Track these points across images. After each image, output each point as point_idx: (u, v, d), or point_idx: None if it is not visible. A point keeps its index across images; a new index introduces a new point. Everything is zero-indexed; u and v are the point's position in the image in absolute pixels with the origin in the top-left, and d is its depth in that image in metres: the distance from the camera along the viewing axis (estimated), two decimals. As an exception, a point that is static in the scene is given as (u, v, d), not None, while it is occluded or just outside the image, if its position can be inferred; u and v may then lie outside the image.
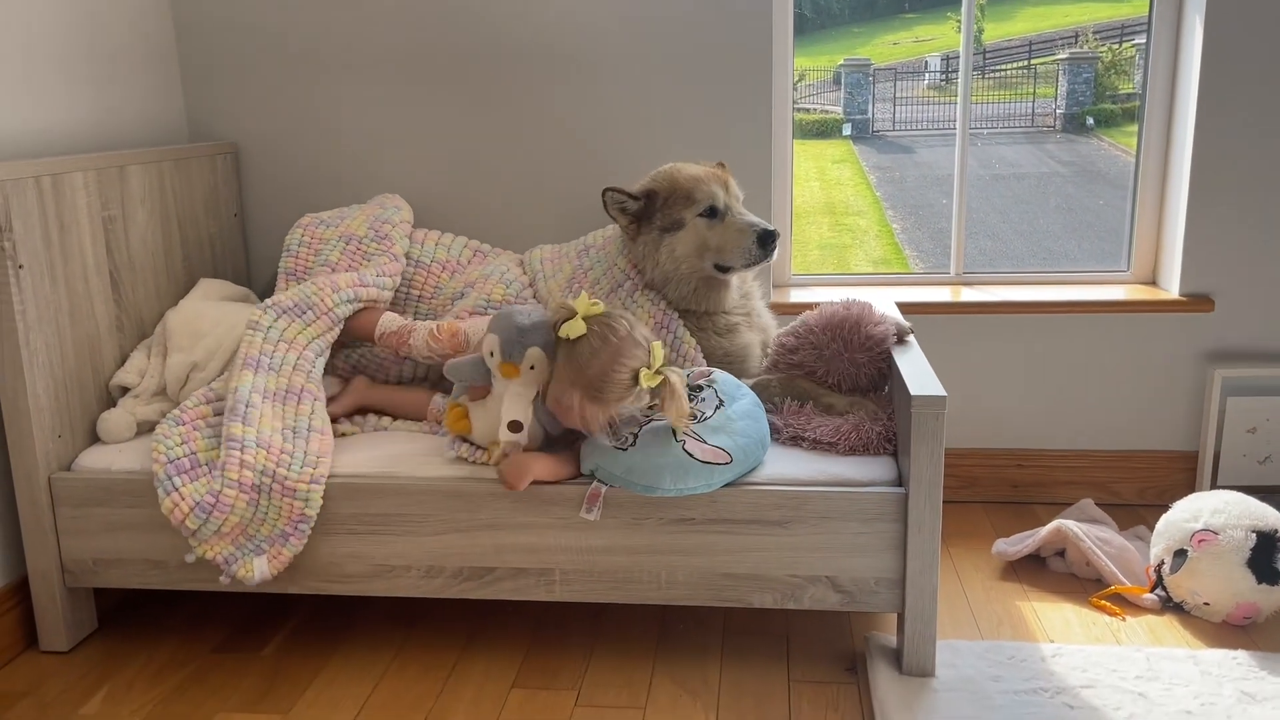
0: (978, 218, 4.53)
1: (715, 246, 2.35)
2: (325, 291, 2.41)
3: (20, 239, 2.13)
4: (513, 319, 2.13)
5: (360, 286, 2.47)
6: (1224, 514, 2.31)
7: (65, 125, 2.49)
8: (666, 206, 2.38)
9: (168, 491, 2.12)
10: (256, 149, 2.98)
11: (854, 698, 2.07)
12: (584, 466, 2.10)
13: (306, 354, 2.33)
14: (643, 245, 2.41)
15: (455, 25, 2.85)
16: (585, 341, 2.03)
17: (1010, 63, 7.49)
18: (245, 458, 2.12)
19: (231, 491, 2.10)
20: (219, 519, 2.10)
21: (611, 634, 2.32)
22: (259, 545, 2.15)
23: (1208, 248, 2.82)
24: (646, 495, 2.04)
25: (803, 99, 6.37)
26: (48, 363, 2.22)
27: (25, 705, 2.11)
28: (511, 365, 2.09)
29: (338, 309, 2.41)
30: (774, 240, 2.34)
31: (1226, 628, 2.28)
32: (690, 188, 2.38)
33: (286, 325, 2.34)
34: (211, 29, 2.91)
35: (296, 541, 2.15)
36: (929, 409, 1.94)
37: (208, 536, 2.12)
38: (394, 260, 2.58)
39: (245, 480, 2.11)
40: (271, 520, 2.13)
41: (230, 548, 2.14)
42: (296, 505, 2.13)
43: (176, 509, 2.11)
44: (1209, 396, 2.86)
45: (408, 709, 2.07)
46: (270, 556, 2.14)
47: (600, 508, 2.06)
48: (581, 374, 2.02)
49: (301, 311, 2.37)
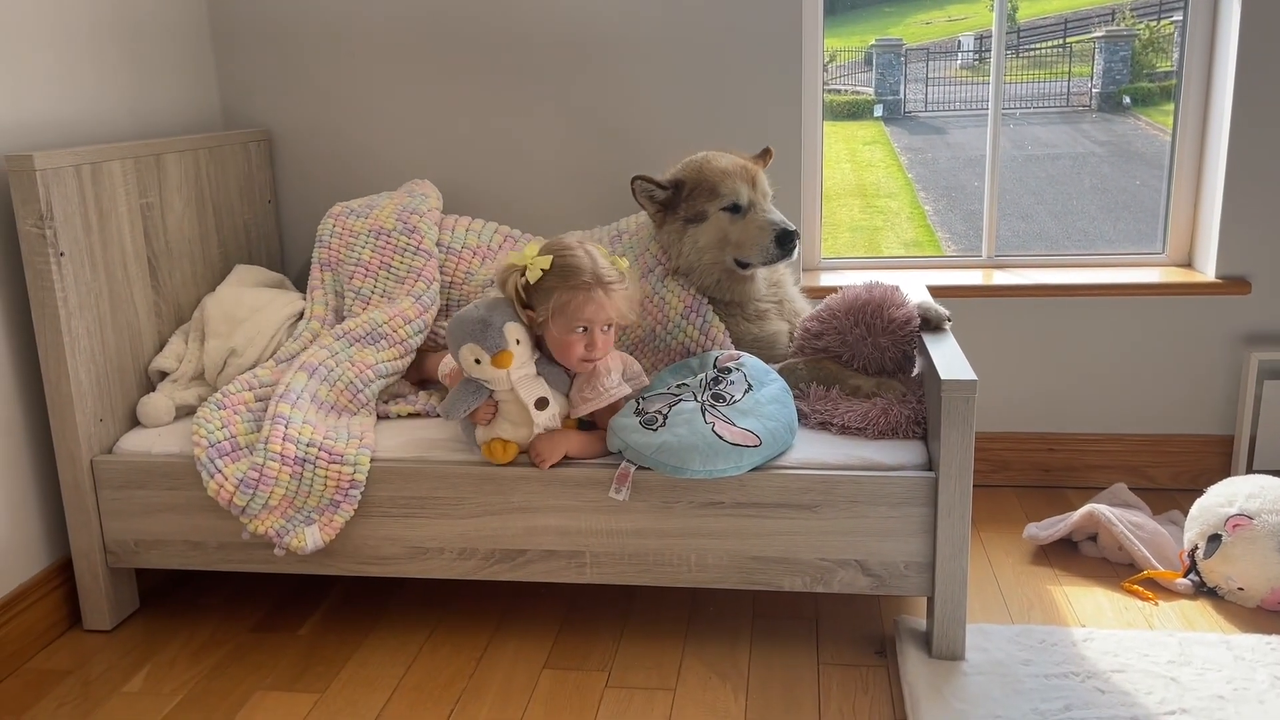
0: (1011, 199, 4.48)
1: (735, 242, 2.36)
2: (397, 323, 2.44)
3: (61, 227, 2.17)
4: (469, 317, 2.08)
5: (422, 313, 2.49)
6: (1259, 499, 2.29)
7: (102, 114, 2.53)
8: (692, 198, 2.39)
9: (211, 474, 2.16)
10: (289, 136, 3.01)
11: (883, 681, 2.08)
12: (611, 445, 2.12)
13: (367, 374, 2.34)
14: (667, 234, 2.43)
15: (487, 10, 2.85)
16: (555, 265, 2.07)
17: (1045, 41, 7.38)
18: (289, 432, 2.16)
19: (275, 464, 2.13)
20: (265, 492, 2.13)
21: (642, 616, 2.34)
22: (309, 515, 2.18)
23: (1244, 229, 2.78)
24: (675, 476, 2.06)
25: (834, 80, 6.32)
26: (89, 348, 2.26)
27: (70, 683, 2.16)
28: (504, 353, 2.06)
29: (411, 340, 2.44)
30: (793, 240, 2.34)
31: (1261, 613, 2.26)
32: (716, 181, 2.38)
33: (358, 351, 2.38)
34: (245, 17, 2.94)
35: (348, 508, 2.17)
36: (959, 393, 1.94)
37: (257, 511, 2.15)
38: (428, 258, 2.58)
39: (288, 453, 2.14)
40: (318, 491, 2.16)
41: (280, 520, 2.17)
42: (345, 472, 2.15)
43: (223, 489, 2.14)
44: (1245, 380, 2.83)
45: (441, 688, 2.10)
46: (322, 525, 2.17)
47: (629, 488, 2.08)
48: (572, 284, 2.06)
49: (374, 340, 2.41)
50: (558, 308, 2.08)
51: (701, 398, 2.14)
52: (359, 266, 2.57)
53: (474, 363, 2.08)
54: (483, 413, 2.14)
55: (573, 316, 2.08)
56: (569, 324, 2.08)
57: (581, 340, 2.10)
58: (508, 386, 2.10)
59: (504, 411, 2.13)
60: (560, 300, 2.07)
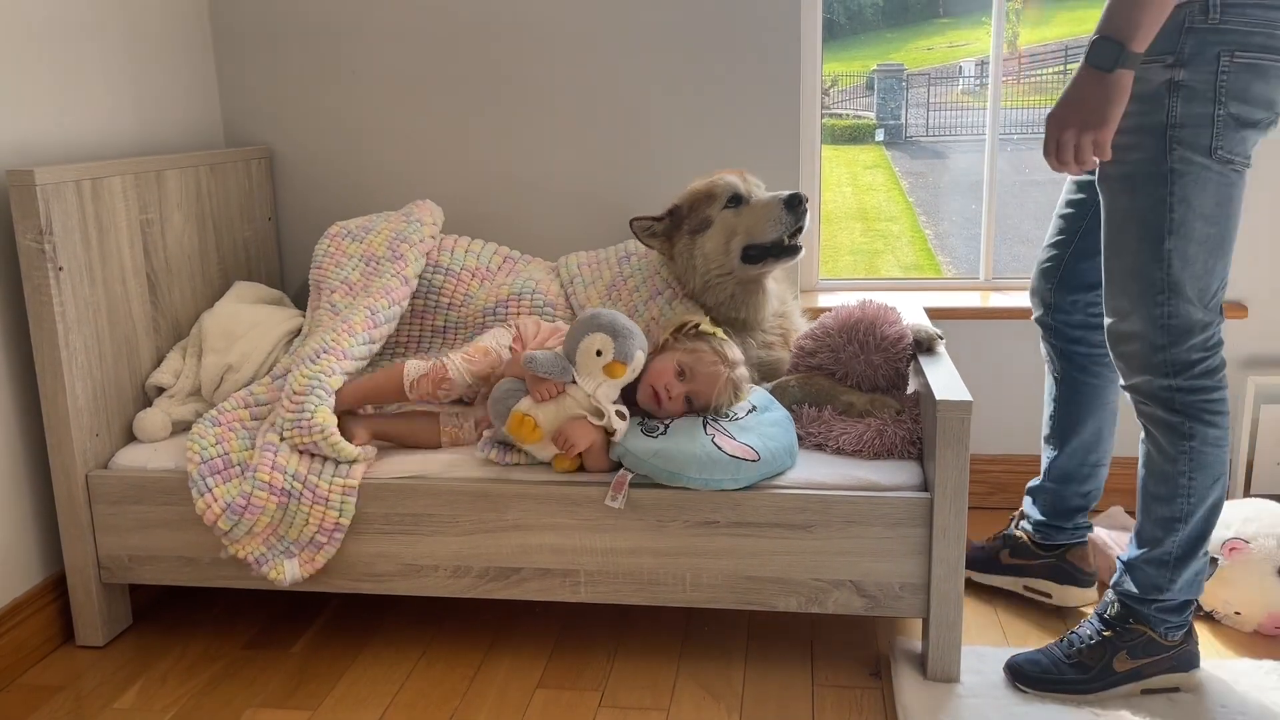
0: (1010, 223, 4.50)
1: (745, 229, 2.37)
2: (342, 335, 2.32)
3: (60, 241, 2.18)
4: (617, 322, 2.11)
5: (373, 328, 2.38)
6: (1255, 522, 2.29)
7: (103, 131, 2.54)
8: (693, 212, 2.42)
9: (201, 492, 2.16)
10: (291, 154, 3.02)
11: (878, 702, 2.07)
12: (611, 453, 2.12)
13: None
14: (680, 258, 2.45)
15: (490, 33, 2.87)
16: (717, 337, 2.21)
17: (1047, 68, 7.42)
18: (278, 460, 2.16)
19: (262, 494, 2.13)
20: (250, 520, 2.14)
21: (636, 636, 2.33)
22: (289, 548, 2.18)
23: (1241, 254, 2.77)
24: (669, 484, 2.06)
25: (835, 104, 6.36)
26: (86, 363, 2.27)
27: (61, 698, 2.15)
28: (620, 365, 2.08)
29: (355, 350, 2.32)
30: (802, 203, 2.33)
31: (1258, 637, 2.25)
32: (708, 188, 2.42)
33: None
34: (248, 34, 2.96)
35: (330, 549, 2.18)
36: (955, 414, 1.94)
37: (239, 537, 2.16)
38: (403, 284, 2.51)
39: (276, 483, 2.14)
40: (300, 525, 2.16)
41: (262, 548, 2.17)
42: (330, 515, 2.16)
43: (209, 510, 2.15)
44: (1242, 404, 2.82)
45: (434, 707, 2.09)
46: (302, 561, 2.18)
47: (625, 496, 2.07)
48: (712, 355, 2.16)
49: (315, 358, 2.27)
50: (687, 351, 2.16)
51: (705, 414, 2.16)
52: (343, 284, 2.54)
53: (594, 354, 2.09)
54: (553, 388, 2.10)
55: (694, 366, 2.14)
56: (682, 368, 2.15)
57: (674, 384, 2.14)
58: (593, 389, 2.10)
59: (561, 402, 2.10)
60: (696, 351, 2.16)
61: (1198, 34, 1.76)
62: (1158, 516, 1.97)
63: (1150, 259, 1.86)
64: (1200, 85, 1.77)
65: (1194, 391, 1.89)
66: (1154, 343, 1.89)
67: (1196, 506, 1.94)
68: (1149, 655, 2.00)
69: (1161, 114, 1.79)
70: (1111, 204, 1.90)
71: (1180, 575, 1.97)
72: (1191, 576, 1.98)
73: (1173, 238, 1.84)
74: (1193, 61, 1.76)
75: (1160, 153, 1.81)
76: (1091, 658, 2.02)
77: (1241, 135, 1.81)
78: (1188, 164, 1.80)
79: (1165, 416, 1.92)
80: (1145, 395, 1.94)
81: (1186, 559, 1.97)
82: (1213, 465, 1.92)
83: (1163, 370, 1.90)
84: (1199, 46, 1.76)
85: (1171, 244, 1.84)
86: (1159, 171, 1.82)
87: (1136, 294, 1.89)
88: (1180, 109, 1.78)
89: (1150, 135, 1.81)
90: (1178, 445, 1.92)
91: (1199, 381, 1.89)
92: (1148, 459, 1.98)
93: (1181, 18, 1.75)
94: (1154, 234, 1.84)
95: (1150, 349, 1.90)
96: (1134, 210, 1.86)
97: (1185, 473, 1.92)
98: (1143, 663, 2.00)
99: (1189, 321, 1.87)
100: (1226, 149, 1.80)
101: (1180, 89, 1.77)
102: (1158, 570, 1.98)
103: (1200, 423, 1.90)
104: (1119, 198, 1.88)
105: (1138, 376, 1.94)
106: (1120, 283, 1.92)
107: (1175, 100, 1.78)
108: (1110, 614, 2.03)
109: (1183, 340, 1.88)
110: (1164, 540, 1.97)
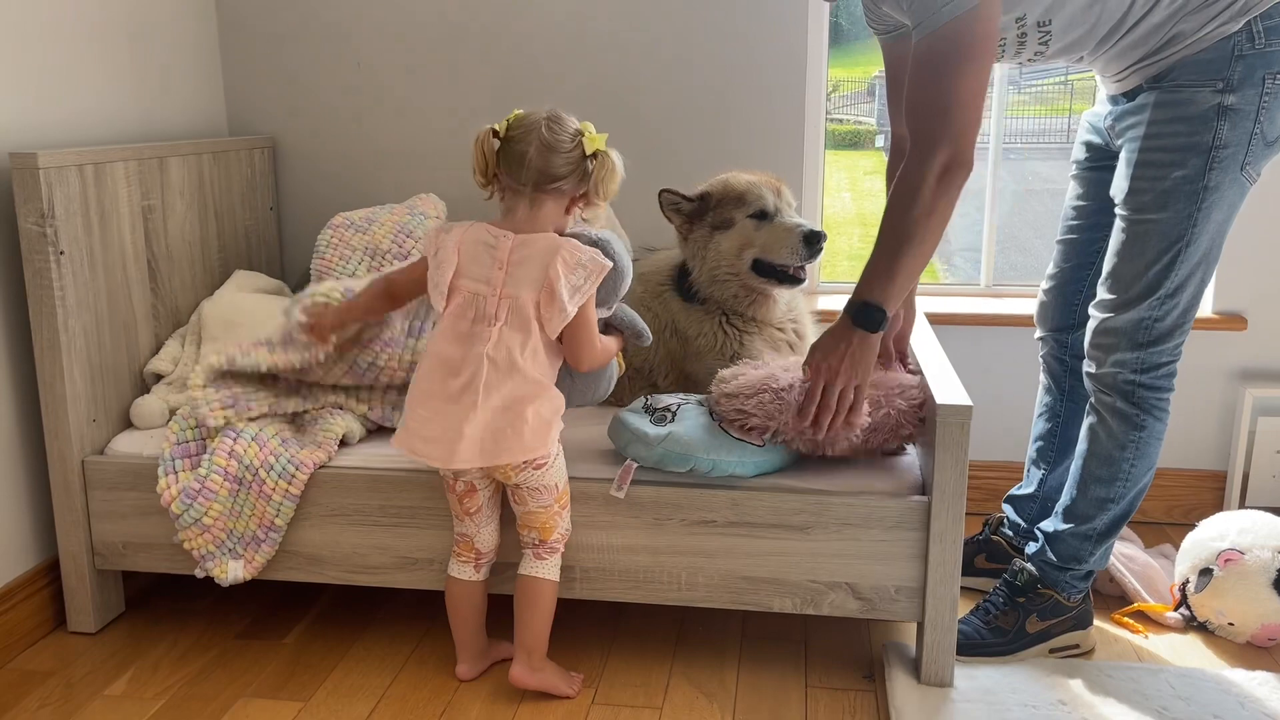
0: (1010, 232, 4.51)
1: (761, 244, 2.38)
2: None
3: (62, 225, 2.17)
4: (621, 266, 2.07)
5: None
6: (1251, 534, 2.29)
7: (107, 117, 2.54)
8: (719, 207, 2.43)
9: (166, 473, 2.17)
10: (294, 144, 3.02)
11: (871, 705, 2.07)
12: (620, 440, 2.12)
13: None
14: (693, 244, 2.46)
15: (495, 28, 2.87)
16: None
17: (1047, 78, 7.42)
18: (236, 447, 2.16)
19: (217, 478, 2.13)
20: (203, 506, 2.13)
21: (630, 634, 2.33)
22: (234, 547, 2.18)
23: (1240, 266, 2.79)
24: (679, 469, 2.06)
25: (836, 110, 6.37)
26: (85, 348, 2.26)
27: (52, 684, 2.14)
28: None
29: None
30: (820, 241, 2.36)
31: (1250, 648, 2.26)
32: (743, 190, 2.42)
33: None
34: (253, 23, 2.96)
35: (268, 548, 2.19)
36: (954, 418, 1.94)
37: (188, 525, 2.15)
38: None
39: (230, 470, 2.14)
40: (246, 517, 2.17)
41: (210, 545, 2.17)
42: (269, 513, 2.17)
43: (167, 491, 2.15)
44: (1240, 416, 2.83)
45: (425, 700, 2.08)
46: (246, 561, 2.19)
47: (628, 486, 2.08)
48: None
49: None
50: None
51: (710, 403, 2.17)
52: (349, 278, 2.53)
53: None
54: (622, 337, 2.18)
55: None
56: None
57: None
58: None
59: None
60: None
61: (1247, 60, 1.83)
62: (1094, 496, 2.11)
63: (1164, 266, 1.94)
64: (1247, 107, 1.85)
65: (1154, 389, 2.03)
66: (1136, 341, 1.99)
67: (1130, 489, 2.09)
68: (1055, 616, 2.17)
69: (1209, 135, 1.87)
70: (1138, 216, 1.96)
71: (1099, 549, 2.14)
72: (1106, 549, 2.16)
73: (1188, 248, 1.93)
74: (1241, 86, 1.84)
75: (1200, 171, 1.89)
76: (1006, 622, 2.18)
77: (1266, 153, 1.90)
78: (1221, 181, 1.89)
79: (1123, 407, 2.03)
80: (1108, 386, 2.04)
81: (1108, 534, 2.13)
82: (1152, 455, 2.07)
83: (1134, 367, 2.01)
84: (1247, 71, 1.84)
85: (1185, 253, 1.93)
86: (1194, 189, 1.90)
87: (1137, 295, 1.98)
88: (1227, 132, 1.86)
89: (1195, 154, 1.88)
90: (1128, 435, 2.04)
91: (1161, 381, 2.03)
92: (1093, 442, 2.09)
93: (1231, 46, 1.83)
94: (1173, 244, 1.93)
95: (1130, 346, 2.00)
96: (1161, 222, 1.94)
97: (1130, 459, 2.06)
98: (1050, 623, 2.17)
99: (1173, 326, 1.98)
100: (1253, 166, 1.89)
101: (1229, 113, 1.85)
102: (1080, 543, 2.14)
103: (1152, 417, 2.04)
104: (1150, 211, 1.95)
105: (1107, 368, 2.03)
106: (1125, 284, 1.99)
107: (1223, 123, 1.86)
108: (1020, 581, 2.19)
109: (1161, 343, 1.99)
110: (1094, 518, 2.12)
